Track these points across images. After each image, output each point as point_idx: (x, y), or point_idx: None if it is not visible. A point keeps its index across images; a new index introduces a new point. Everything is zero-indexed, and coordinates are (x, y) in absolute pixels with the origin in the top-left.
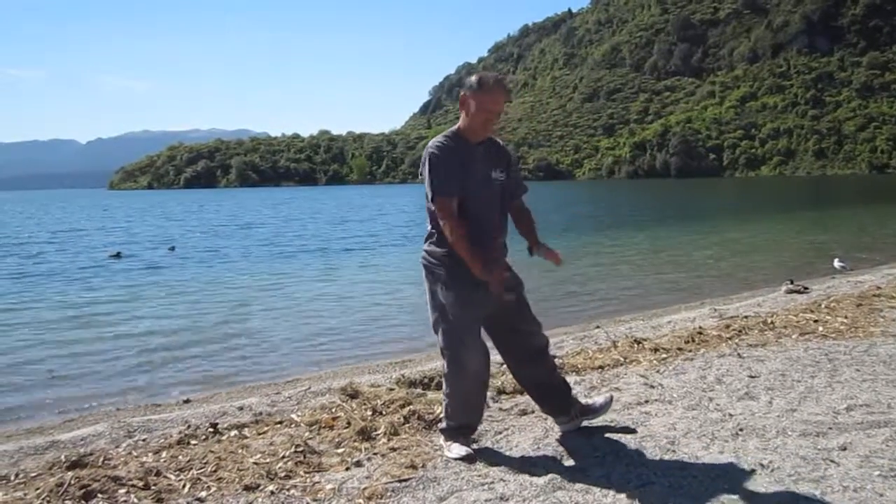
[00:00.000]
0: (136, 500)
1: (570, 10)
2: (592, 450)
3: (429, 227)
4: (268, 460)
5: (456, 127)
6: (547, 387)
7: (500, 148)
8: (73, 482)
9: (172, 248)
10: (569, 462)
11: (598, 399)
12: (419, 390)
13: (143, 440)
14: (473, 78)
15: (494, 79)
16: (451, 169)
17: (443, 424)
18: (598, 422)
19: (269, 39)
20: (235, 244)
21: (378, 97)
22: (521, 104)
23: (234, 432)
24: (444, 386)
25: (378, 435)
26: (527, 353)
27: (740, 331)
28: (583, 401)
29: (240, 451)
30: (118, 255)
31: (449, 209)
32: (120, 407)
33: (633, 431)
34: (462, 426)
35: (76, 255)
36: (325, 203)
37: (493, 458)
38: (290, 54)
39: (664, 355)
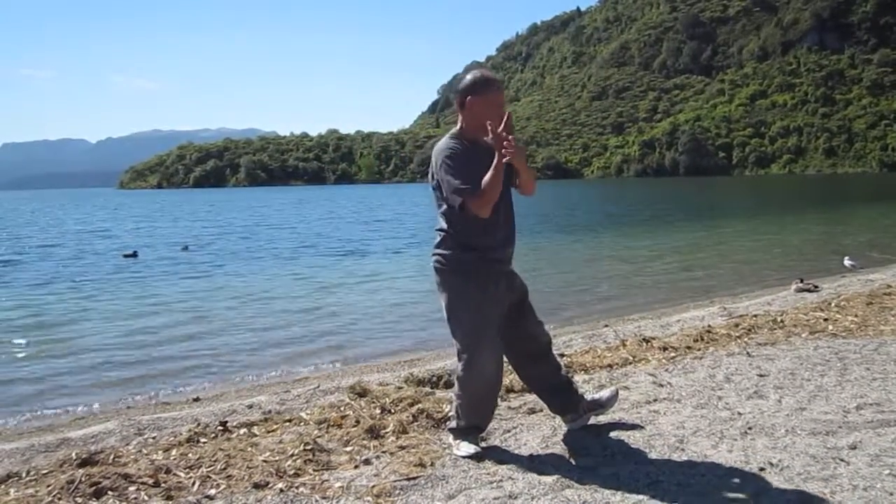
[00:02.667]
0: (146, 498)
1: (578, 8)
2: (601, 448)
3: (441, 230)
4: (277, 458)
5: (458, 129)
6: (553, 386)
7: None
8: (83, 479)
9: (186, 248)
10: (577, 460)
11: (604, 393)
12: (428, 389)
13: (153, 438)
14: (472, 78)
15: (493, 77)
16: (468, 169)
17: (452, 424)
18: (606, 420)
19: (277, 38)
20: (247, 244)
21: (386, 96)
22: (530, 103)
23: (243, 430)
24: (456, 386)
25: (387, 433)
26: (532, 353)
27: (750, 329)
28: (588, 396)
29: (249, 448)
30: (134, 255)
31: (478, 204)
32: (130, 405)
33: (641, 430)
34: (471, 427)
35: (91, 256)
36: (338, 202)
37: (501, 456)
38: (298, 53)
39: (673, 354)
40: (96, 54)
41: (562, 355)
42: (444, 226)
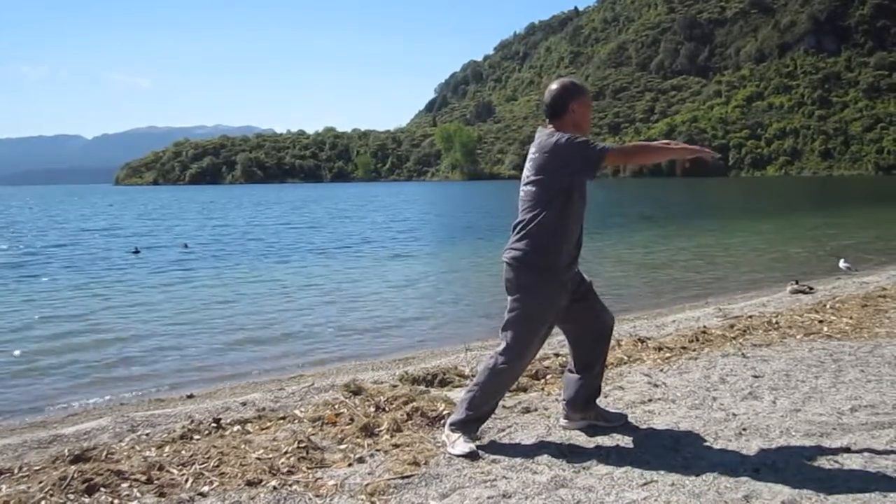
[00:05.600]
0: (138, 495)
1: (576, 8)
2: (595, 448)
3: (526, 226)
4: (270, 456)
5: (554, 131)
6: (592, 381)
7: None
8: (76, 476)
9: (186, 246)
10: (571, 459)
11: (614, 411)
12: (422, 387)
13: (147, 435)
14: (567, 85)
15: (581, 82)
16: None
17: (459, 415)
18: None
19: (274, 36)
20: (244, 242)
21: (383, 95)
22: (527, 102)
23: (236, 427)
24: (484, 377)
25: (381, 431)
26: (596, 333)
27: (745, 330)
28: (599, 404)
29: (242, 446)
30: (136, 252)
31: (622, 149)
32: (123, 401)
33: (636, 430)
34: (478, 418)
35: (93, 253)
36: (337, 200)
37: (495, 455)
38: (295, 51)
39: (668, 354)
40: (92, 51)
41: (557, 355)
42: (535, 223)
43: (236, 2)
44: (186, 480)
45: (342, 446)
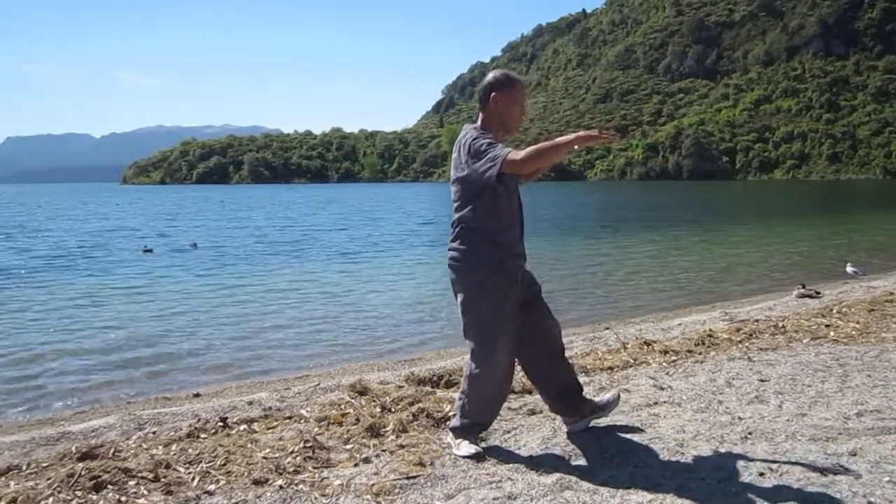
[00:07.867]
0: (145, 492)
1: (584, 10)
2: (601, 450)
3: (461, 224)
4: (277, 455)
5: (480, 124)
6: (563, 386)
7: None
8: (83, 473)
9: (195, 245)
10: (577, 462)
11: (605, 396)
12: (428, 388)
13: (154, 433)
14: (495, 76)
15: (515, 75)
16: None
17: (455, 422)
18: (606, 422)
19: (282, 36)
20: (253, 242)
21: (391, 95)
22: (534, 104)
23: (243, 427)
24: (464, 383)
25: (387, 432)
26: (548, 348)
27: (751, 334)
28: (591, 399)
29: (249, 445)
30: (148, 251)
31: (516, 159)
32: (131, 400)
33: (641, 433)
34: (475, 424)
35: (102, 250)
36: (344, 201)
37: (501, 456)
38: (303, 51)
39: (674, 357)
40: (101, 50)
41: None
42: (467, 220)
43: (245, 1)
44: (193, 479)
45: (348, 446)
